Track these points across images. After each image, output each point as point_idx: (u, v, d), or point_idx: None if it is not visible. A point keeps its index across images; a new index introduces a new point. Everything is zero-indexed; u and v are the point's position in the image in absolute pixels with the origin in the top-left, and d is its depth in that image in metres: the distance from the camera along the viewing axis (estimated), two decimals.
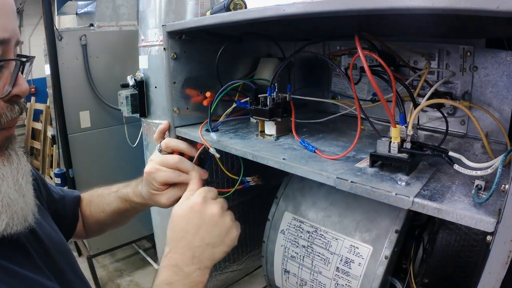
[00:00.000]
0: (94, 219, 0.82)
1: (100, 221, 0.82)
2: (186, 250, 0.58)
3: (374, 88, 0.49)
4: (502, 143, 0.65)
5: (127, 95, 1.63)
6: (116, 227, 0.86)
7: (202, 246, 0.59)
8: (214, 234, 0.59)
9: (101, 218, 0.81)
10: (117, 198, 0.78)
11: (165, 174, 0.69)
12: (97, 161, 2.26)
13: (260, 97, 0.68)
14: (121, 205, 0.78)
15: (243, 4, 0.82)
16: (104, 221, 0.82)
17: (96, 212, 0.81)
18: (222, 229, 0.60)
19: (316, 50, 0.95)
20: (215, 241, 0.59)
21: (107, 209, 0.80)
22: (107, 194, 0.81)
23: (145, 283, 2.51)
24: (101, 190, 0.83)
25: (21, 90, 0.48)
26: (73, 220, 0.80)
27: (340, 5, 0.43)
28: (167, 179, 0.69)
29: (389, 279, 0.64)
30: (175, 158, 0.70)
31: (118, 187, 0.81)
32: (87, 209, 0.82)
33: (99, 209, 0.81)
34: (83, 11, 2.83)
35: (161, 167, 0.69)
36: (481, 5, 0.33)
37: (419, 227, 0.68)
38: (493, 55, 0.66)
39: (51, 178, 3.81)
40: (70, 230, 0.79)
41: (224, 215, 0.61)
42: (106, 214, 0.80)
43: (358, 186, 0.47)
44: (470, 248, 0.59)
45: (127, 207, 0.78)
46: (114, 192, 0.80)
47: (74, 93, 2.11)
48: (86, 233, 0.84)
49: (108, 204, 0.79)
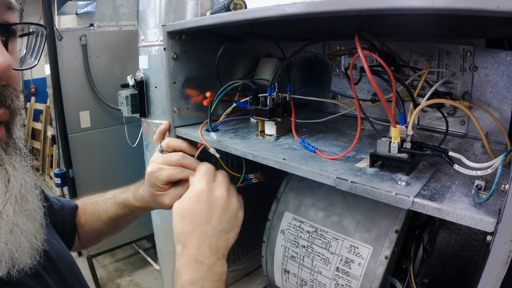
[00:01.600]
0: (89, 228, 0.78)
1: (95, 230, 0.78)
2: (202, 242, 0.55)
3: (374, 88, 0.49)
4: (502, 143, 0.65)
5: (127, 95, 1.63)
6: (112, 235, 0.83)
7: (216, 235, 0.56)
8: (224, 220, 0.57)
9: (97, 227, 0.78)
10: (115, 204, 0.76)
11: (168, 171, 0.68)
12: (97, 161, 2.27)
13: (260, 97, 0.68)
14: (120, 211, 0.75)
15: (243, 4, 0.82)
16: (100, 229, 0.78)
17: (91, 221, 0.77)
18: (231, 213, 0.58)
19: (316, 50, 0.95)
20: (227, 226, 0.58)
21: (104, 217, 0.77)
22: (103, 201, 0.77)
23: (145, 283, 2.51)
24: (94, 198, 0.79)
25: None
26: (72, 232, 0.76)
27: (340, 5, 0.43)
28: (171, 176, 0.68)
29: (389, 279, 0.64)
30: (178, 155, 0.69)
31: (114, 193, 0.78)
32: (82, 218, 0.78)
33: (95, 217, 0.77)
34: (83, 11, 2.83)
35: (164, 166, 0.68)
36: (481, 5, 0.33)
37: (419, 227, 0.68)
38: (493, 55, 0.66)
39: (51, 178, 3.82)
40: (70, 243, 0.75)
41: (230, 197, 0.59)
42: (102, 221, 0.77)
43: (358, 186, 0.47)
44: (470, 248, 0.59)
45: (126, 213, 0.76)
46: (110, 199, 0.76)
47: (74, 93, 2.11)
48: (80, 243, 0.79)
49: (105, 211, 0.76)
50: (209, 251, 0.55)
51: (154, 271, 2.59)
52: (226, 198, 0.58)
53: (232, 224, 0.59)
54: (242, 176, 0.75)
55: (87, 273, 2.31)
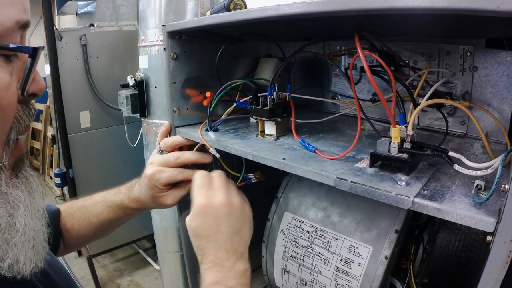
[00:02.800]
0: (77, 232, 0.75)
1: (84, 234, 0.75)
2: (217, 249, 0.57)
3: (374, 88, 0.49)
4: (502, 143, 0.65)
5: (127, 95, 1.63)
6: (101, 238, 0.81)
7: (229, 239, 0.57)
8: (232, 223, 0.58)
9: (86, 231, 0.75)
10: (107, 207, 0.74)
11: (168, 174, 0.68)
12: (97, 161, 2.26)
13: (260, 97, 0.68)
14: (112, 214, 0.74)
15: (243, 4, 0.82)
16: (90, 233, 0.76)
17: (80, 226, 0.75)
18: (236, 213, 0.59)
19: (316, 50, 0.95)
20: (237, 227, 0.58)
21: (94, 221, 0.74)
22: (91, 205, 0.75)
23: (145, 283, 2.51)
24: (81, 202, 0.77)
25: (39, 87, 0.41)
26: (57, 238, 0.72)
27: (340, 5, 0.43)
28: (171, 178, 0.68)
29: (389, 279, 0.64)
30: (174, 155, 0.70)
31: (103, 195, 0.75)
32: (68, 223, 0.74)
33: (84, 222, 0.74)
34: (83, 11, 2.82)
35: (163, 168, 0.69)
36: (481, 5, 0.33)
37: (419, 227, 0.68)
38: (493, 55, 0.66)
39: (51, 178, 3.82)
40: (55, 249, 0.72)
41: (231, 199, 0.59)
42: (92, 226, 0.74)
43: (358, 186, 0.47)
44: (470, 248, 0.59)
45: (119, 216, 0.74)
46: (100, 202, 0.74)
47: (74, 93, 2.11)
48: (65, 248, 0.76)
49: (96, 215, 0.74)
50: (226, 255, 0.56)
51: (154, 271, 2.59)
52: (227, 202, 0.59)
53: (241, 222, 0.59)
54: (242, 176, 0.75)
55: (87, 273, 2.31)
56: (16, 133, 0.40)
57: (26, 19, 0.38)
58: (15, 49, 0.36)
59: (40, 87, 0.42)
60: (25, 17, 0.37)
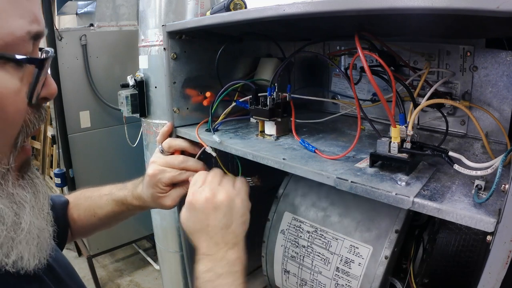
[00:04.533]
0: (83, 223, 0.77)
1: (89, 225, 0.77)
2: (208, 242, 0.59)
3: (374, 88, 0.49)
4: (502, 143, 0.65)
5: (127, 95, 1.63)
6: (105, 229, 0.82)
7: (218, 232, 0.59)
8: (220, 217, 0.59)
9: (91, 222, 0.77)
10: (112, 201, 0.75)
11: (170, 174, 0.69)
12: (97, 161, 2.26)
13: (260, 97, 0.68)
14: (116, 208, 0.75)
15: (243, 4, 0.82)
16: (94, 225, 0.78)
17: (85, 216, 0.77)
18: (223, 208, 0.59)
19: (316, 50, 0.95)
20: (225, 221, 0.59)
21: (98, 213, 0.76)
22: (98, 196, 0.77)
23: (145, 283, 2.51)
24: (89, 193, 0.79)
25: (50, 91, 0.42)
26: (65, 229, 0.74)
27: (340, 5, 0.43)
28: (173, 178, 0.69)
29: (389, 279, 0.64)
30: (179, 158, 0.70)
31: (110, 189, 0.77)
32: (75, 213, 0.77)
33: (89, 212, 0.76)
34: (83, 11, 2.82)
35: (166, 168, 0.69)
36: (481, 5, 0.33)
37: (419, 227, 0.68)
38: (493, 55, 0.66)
39: (51, 178, 3.81)
40: (63, 241, 0.73)
41: (217, 194, 0.60)
42: (97, 217, 0.76)
43: (358, 186, 0.47)
44: (470, 248, 0.59)
45: (123, 210, 0.76)
46: (106, 195, 0.76)
47: (74, 93, 2.11)
48: (72, 237, 0.79)
49: (101, 207, 0.76)
50: (216, 247, 0.58)
51: (154, 271, 2.59)
52: (211, 198, 0.59)
53: (230, 216, 0.60)
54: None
55: (87, 273, 2.31)
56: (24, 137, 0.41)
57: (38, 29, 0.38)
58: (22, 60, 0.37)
59: (51, 92, 0.42)
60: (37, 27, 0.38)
